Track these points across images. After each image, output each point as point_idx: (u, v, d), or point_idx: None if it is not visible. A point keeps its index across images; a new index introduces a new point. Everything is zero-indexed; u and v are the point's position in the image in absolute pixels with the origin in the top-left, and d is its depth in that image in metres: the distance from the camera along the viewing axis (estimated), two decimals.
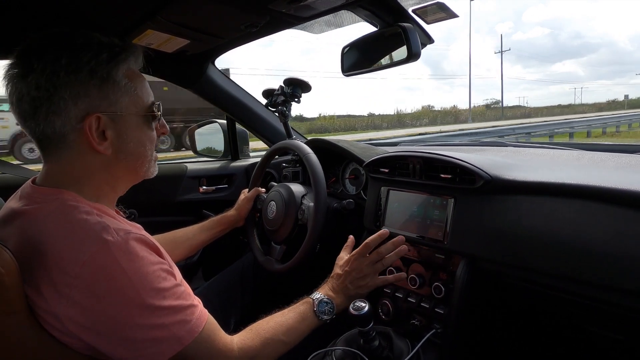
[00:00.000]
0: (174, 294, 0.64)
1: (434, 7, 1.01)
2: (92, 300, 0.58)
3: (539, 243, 0.75)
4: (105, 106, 0.66)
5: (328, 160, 1.37)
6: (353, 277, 0.93)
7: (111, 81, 0.67)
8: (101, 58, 0.65)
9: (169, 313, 0.62)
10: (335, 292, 0.92)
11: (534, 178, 0.81)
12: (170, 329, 0.62)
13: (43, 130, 0.64)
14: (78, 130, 0.65)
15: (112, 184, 0.72)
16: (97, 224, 0.61)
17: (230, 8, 0.98)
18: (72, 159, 0.67)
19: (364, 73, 1.22)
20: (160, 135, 0.78)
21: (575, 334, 0.93)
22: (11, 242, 0.60)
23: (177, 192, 1.73)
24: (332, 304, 0.88)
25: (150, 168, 0.76)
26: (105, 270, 0.58)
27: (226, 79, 1.64)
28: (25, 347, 0.60)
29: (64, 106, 0.63)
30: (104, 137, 0.67)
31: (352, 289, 0.92)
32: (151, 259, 0.63)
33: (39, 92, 0.62)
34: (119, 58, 0.68)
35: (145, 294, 0.60)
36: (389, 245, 0.95)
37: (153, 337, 0.61)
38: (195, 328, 0.65)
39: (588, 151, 1.14)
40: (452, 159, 0.92)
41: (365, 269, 0.93)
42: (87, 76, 0.64)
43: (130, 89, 0.69)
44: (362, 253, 0.94)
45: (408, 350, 0.84)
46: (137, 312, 0.60)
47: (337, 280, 0.94)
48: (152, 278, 0.61)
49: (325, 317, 0.86)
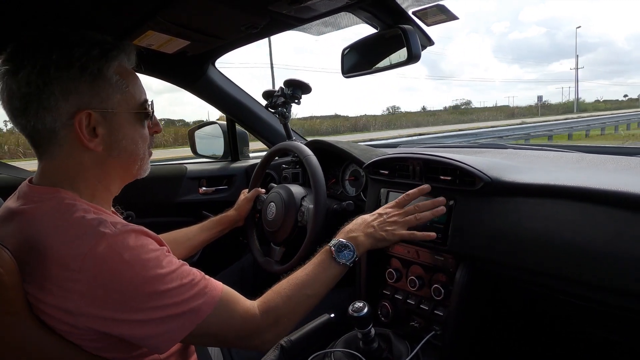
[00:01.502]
0: (181, 273, 0.64)
1: (434, 9, 1.01)
2: (100, 291, 0.58)
3: (538, 245, 0.76)
4: (97, 103, 0.66)
5: (328, 162, 1.37)
6: (383, 220, 0.88)
7: (102, 78, 0.67)
8: (92, 54, 0.65)
9: (181, 292, 0.63)
10: (356, 231, 0.87)
11: (534, 180, 0.82)
12: (185, 304, 0.62)
13: (34, 127, 0.65)
14: (69, 127, 0.65)
15: (105, 182, 0.72)
16: (94, 220, 0.61)
17: (230, 9, 0.98)
18: (64, 156, 0.67)
19: (364, 75, 1.22)
20: (153, 134, 0.78)
21: (574, 335, 0.93)
22: (10, 242, 0.60)
23: (177, 193, 1.73)
24: (351, 246, 0.84)
25: (142, 166, 0.75)
26: (106, 261, 0.58)
27: (226, 80, 1.64)
28: (26, 347, 0.60)
29: (54, 102, 0.63)
30: (94, 133, 0.67)
31: (378, 230, 0.87)
32: (151, 246, 0.63)
33: (30, 88, 0.62)
34: (111, 55, 0.68)
35: (151, 280, 0.60)
36: (428, 203, 0.90)
37: (169, 315, 0.61)
38: (211, 300, 0.65)
39: (588, 153, 1.14)
40: (452, 160, 0.92)
41: (397, 217, 0.89)
42: (78, 72, 0.64)
43: (122, 86, 0.69)
44: (400, 203, 0.91)
45: (407, 352, 0.84)
46: (146, 298, 0.60)
47: (362, 220, 0.90)
48: (154, 264, 0.62)
49: (345, 260, 0.82)
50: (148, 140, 0.76)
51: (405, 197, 0.91)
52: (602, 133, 14.50)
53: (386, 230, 0.87)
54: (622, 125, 16.05)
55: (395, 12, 1.04)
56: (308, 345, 0.85)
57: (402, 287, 1.00)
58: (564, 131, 13.10)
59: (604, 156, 1.07)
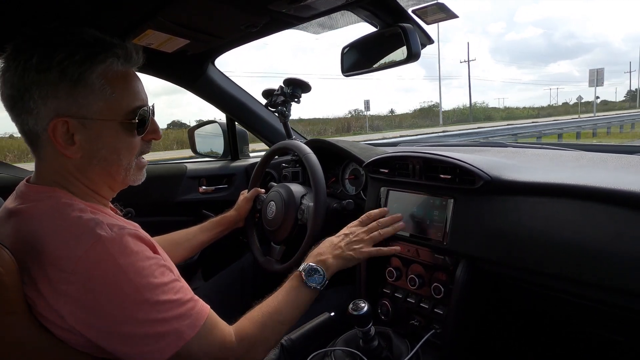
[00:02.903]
0: (172, 288, 0.64)
1: (434, 7, 1.01)
2: (89, 295, 0.58)
3: (538, 244, 0.75)
4: (75, 110, 0.63)
5: (328, 161, 1.37)
6: (349, 240, 0.93)
7: (82, 83, 0.63)
8: (74, 59, 0.62)
9: (168, 307, 0.62)
10: (324, 254, 0.89)
11: (534, 179, 0.81)
12: (171, 323, 0.62)
13: (22, 127, 0.65)
14: (47, 132, 0.64)
15: (93, 187, 0.70)
16: (91, 221, 0.61)
17: (230, 8, 0.98)
18: (50, 158, 0.67)
19: (363, 73, 1.22)
20: (150, 141, 0.74)
21: (574, 334, 0.93)
22: (8, 242, 0.60)
23: (177, 192, 1.73)
24: (321, 269, 0.85)
25: (128, 176, 0.72)
26: (100, 265, 0.58)
27: (226, 79, 1.64)
28: (25, 347, 0.60)
29: (34, 106, 0.62)
30: (72, 141, 0.64)
31: (345, 251, 0.91)
32: (146, 254, 0.63)
33: (12, 90, 0.62)
34: (97, 59, 0.64)
35: (143, 289, 0.60)
36: (388, 219, 0.98)
37: (154, 333, 0.60)
38: (197, 322, 0.64)
39: (588, 152, 1.14)
40: (452, 159, 0.92)
41: (362, 234, 0.94)
42: (57, 77, 0.62)
43: (106, 92, 0.65)
44: (363, 221, 0.97)
45: (407, 350, 0.84)
46: (135, 307, 0.60)
47: (329, 243, 0.93)
48: (148, 272, 0.61)
49: (315, 284, 0.83)
50: (137, 149, 0.71)
51: (367, 216, 0.97)
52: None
53: (354, 249, 0.91)
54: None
55: (395, 11, 1.04)
56: (308, 344, 0.85)
57: (402, 285, 1.00)
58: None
59: (604, 154, 1.07)
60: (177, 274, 0.69)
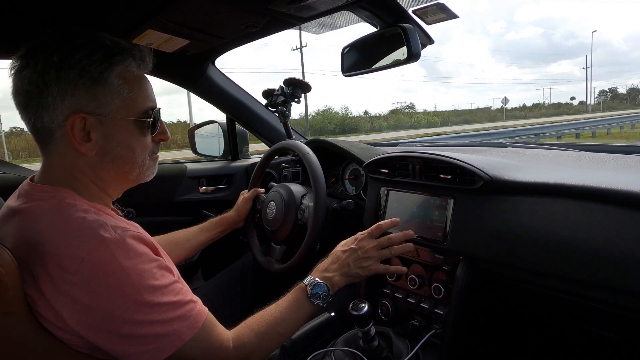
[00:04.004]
0: (172, 290, 0.64)
1: (434, 7, 1.01)
2: (91, 296, 0.58)
3: (538, 244, 0.75)
4: (93, 107, 0.65)
5: (328, 161, 1.37)
6: (357, 256, 0.87)
7: (102, 82, 0.65)
8: (94, 58, 0.65)
9: (168, 309, 0.62)
10: (331, 271, 0.86)
11: (534, 179, 0.81)
12: (170, 324, 0.62)
13: (34, 124, 0.66)
14: (64, 128, 0.65)
15: (102, 185, 0.71)
16: (95, 222, 0.61)
17: (230, 8, 0.98)
18: (61, 156, 0.67)
19: (364, 73, 1.22)
20: (159, 142, 0.76)
21: (574, 334, 0.93)
22: (9, 241, 0.60)
23: (177, 192, 1.73)
24: (326, 286, 0.83)
25: (141, 173, 0.74)
26: (103, 267, 0.58)
27: (226, 79, 1.64)
28: (25, 347, 0.60)
29: (52, 102, 0.63)
30: (88, 137, 0.66)
31: (352, 268, 0.87)
32: (149, 256, 0.63)
33: (31, 86, 0.63)
34: (115, 59, 0.66)
35: (144, 291, 0.60)
36: (400, 235, 0.90)
37: (153, 333, 0.61)
38: (195, 324, 0.65)
39: (588, 152, 1.14)
40: (452, 159, 0.92)
41: (371, 251, 0.88)
42: (77, 75, 0.64)
43: (123, 92, 0.67)
44: (373, 234, 0.90)
45: (407, 350, 0.84)
46: (136, 309, 0.60)
47: (336, 259, 0.89)
48: (149, 275, 0.62)
49: (320, 301, 0.82)
50: (149, 148, 0.74)
51: (377, 228, 0.90)
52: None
53: (362, 267, 0.87)
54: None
55: (395, 11, 1.04)
56: (308, 344, 0.85)
57: (402, 285, 1.00)
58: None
59: (604, 155, 1.07)
60: (177, 275, 0.70)
